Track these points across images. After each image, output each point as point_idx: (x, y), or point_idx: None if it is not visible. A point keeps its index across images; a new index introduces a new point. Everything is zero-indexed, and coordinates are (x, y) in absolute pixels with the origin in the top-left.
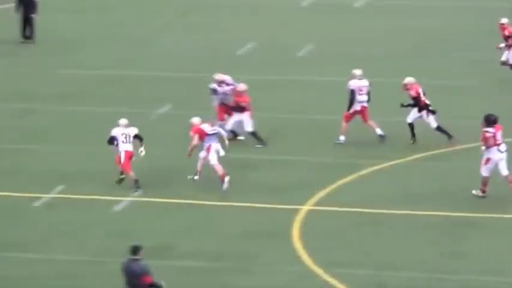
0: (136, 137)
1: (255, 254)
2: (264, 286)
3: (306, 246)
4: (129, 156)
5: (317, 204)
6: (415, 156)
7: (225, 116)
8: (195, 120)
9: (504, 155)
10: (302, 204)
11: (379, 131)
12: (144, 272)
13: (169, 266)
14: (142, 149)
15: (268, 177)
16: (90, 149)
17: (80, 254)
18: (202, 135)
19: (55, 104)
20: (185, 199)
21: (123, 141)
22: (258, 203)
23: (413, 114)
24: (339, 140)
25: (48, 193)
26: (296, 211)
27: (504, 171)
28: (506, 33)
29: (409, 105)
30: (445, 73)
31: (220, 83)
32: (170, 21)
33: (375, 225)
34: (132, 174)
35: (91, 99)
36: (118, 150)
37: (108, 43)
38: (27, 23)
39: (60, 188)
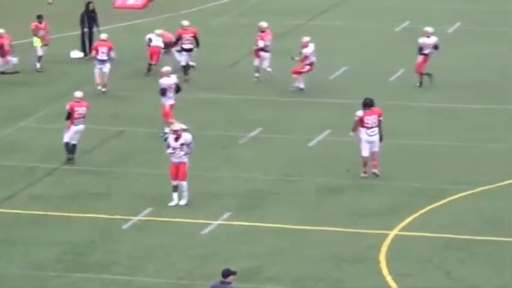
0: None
1: (340, 278)
2: None
3: (392, 272)
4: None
5: (405, 229)
6: (505, 182)
7: None
8: None
9: (373, 139)
10: (390, 229)
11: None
12: None
13: None
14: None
15: (357, 201)
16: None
17: (166, 276)
18: None
19: None
20: (273, 223)
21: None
22: (346, 228)
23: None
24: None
25: (136, 215)
26: (384, 236)
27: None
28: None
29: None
30: None
31: None
32: None
33: (461, 251)
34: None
35: None
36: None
37: None
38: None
39: (148, 210)
